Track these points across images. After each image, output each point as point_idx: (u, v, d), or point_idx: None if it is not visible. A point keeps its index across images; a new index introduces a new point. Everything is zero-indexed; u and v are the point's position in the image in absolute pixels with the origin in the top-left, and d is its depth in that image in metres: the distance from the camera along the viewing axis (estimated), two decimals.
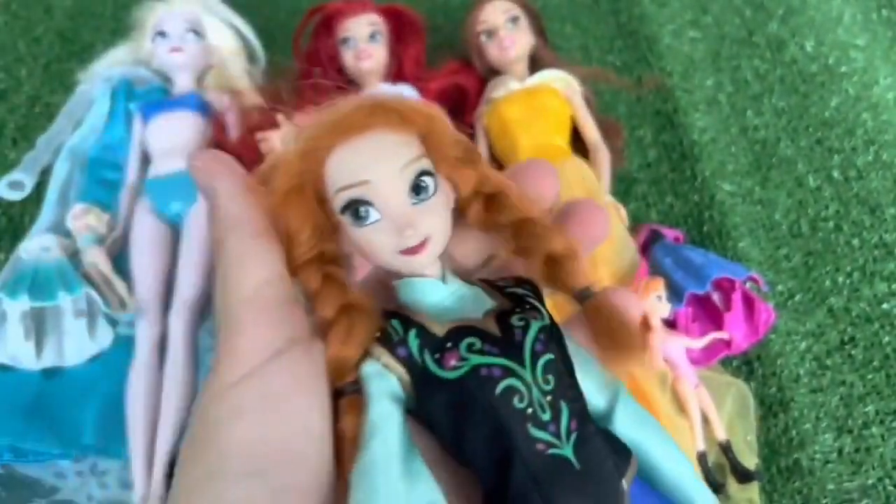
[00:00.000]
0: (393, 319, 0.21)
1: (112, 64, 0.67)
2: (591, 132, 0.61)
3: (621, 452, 0.21)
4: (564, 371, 0.21)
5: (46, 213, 0.59)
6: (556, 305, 0.22)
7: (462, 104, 0.65)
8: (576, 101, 0.61)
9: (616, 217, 0.54)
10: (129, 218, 0.58)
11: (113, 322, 0.53)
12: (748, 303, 0.51)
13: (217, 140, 0.61)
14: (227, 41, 0.67)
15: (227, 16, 0.67)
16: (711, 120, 0.65)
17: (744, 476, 0.44)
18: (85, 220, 0.55)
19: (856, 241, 0.57)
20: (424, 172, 0.21)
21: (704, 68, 0.69)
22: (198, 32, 0.64)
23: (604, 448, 0.21)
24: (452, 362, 0.20)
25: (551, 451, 0.19)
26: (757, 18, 0.73)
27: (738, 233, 0.58)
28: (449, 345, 0.20)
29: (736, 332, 0.51)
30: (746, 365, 0.52)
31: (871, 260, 0.56)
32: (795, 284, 0.56)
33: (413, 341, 0.20)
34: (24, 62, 0.70)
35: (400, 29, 0.65)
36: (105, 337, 0.53)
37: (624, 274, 0.51)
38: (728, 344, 0.50)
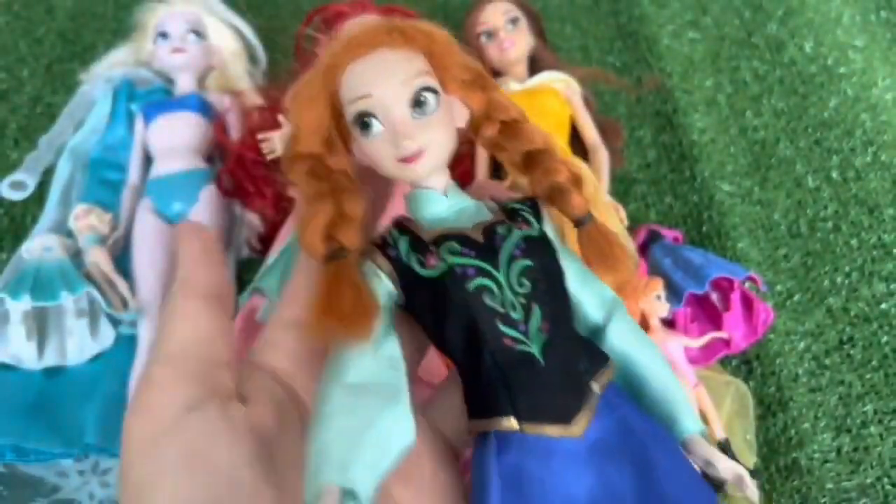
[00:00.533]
0: (394, 227, 0.24)
1: (113, 65, 0.67)
2: (591, 133, 0.61)
3: (597, 358, 0.23)
4: (545, 279, 0.23)
5: (48, 213, 0.59)
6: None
7: None
8: (575, 101, 0.61)
9: (615, 217, 0.54)
10: (130, 218, 0.58)
11: (115, 322, 0.53)
12: (747, 303, 0.51)
13: (218, 141, 0.61)
14: (229, 42, 0.67)
15: (229, 17, 0.68)
16: (711, 120, 0.66)
17: None
18: (87, 221, 0.55)
19: (854, 242, 0.57)
20: (426, 88, 0.23)
21: (704, 69, 0.69)
22: (199, 33, 0.65)
23: (576, 352, 0.23)
24: (432, 262, 0.22)
25: (519, 347, 0.22)
26: (756, 19, 0.74)
27: (736, 233, 0.58)
28: (432, 248, 0.23)
29: (735, 331, 0.51)
30: (745, 364, 0.52)
31: (870, 260, 0.56)
32: (794, 284, 0.56)
33: (403, 245, 0.23)
34: (25, 62, 0.70)
35: None
36: (107, 336, 0.53)
37: None
38: (727, 343, 0.51)
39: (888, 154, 0.63)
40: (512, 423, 0.21)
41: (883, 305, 0.54)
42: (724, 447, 0.45)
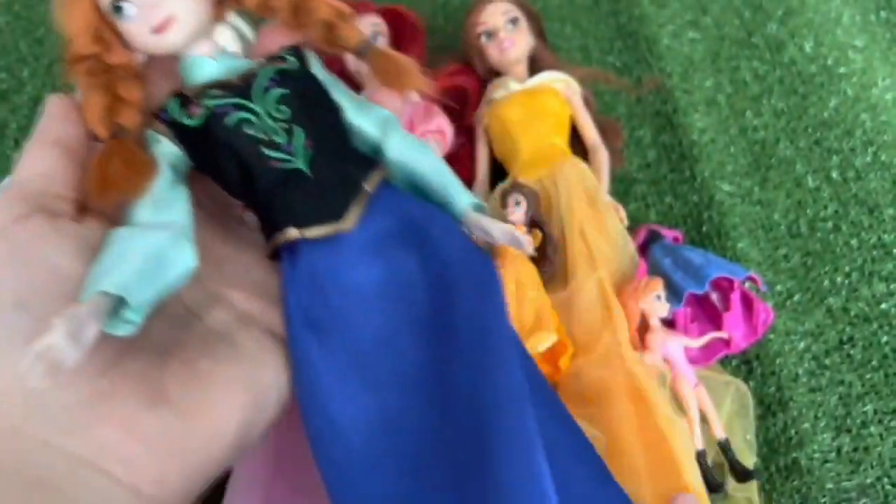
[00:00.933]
0: (170, 96, 0.26)
1: None
2: (591, 133, 0.61)
3: (364, 164, 0.27)
4: (303, 104, 0.26)
5: None
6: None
7: (462, 105, 0.65)
8: (575, 101, 0.61)
9: (615, 217, 0.55)
10: None
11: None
12: (747, 303, 0.51)
13: None
14: (229, 43, 0.67)
15: (230, 18, 0.68)
16: (710, 121, 0.66)
17: (743, 475, 0.45)
18: None
19: (854, 242, 0.57)
20: None
21: (704, 69, 0.69)
22: None
23: (344, 161, 0.26)
24: (195, 111, 0.25)
25: (286, 165, 0.25)
26: (756, 19, 0.74)
27: (736, 233, 0.58)
28: (195, 100, 0.25)
29: (735, 331, 0.51)
30: (745, 364, 0.52)
31: (870, 260, 0.56)
32: (794, 284, 0.56)
33: (173, 106, 0.25)
34: (26, 62, 0.70)
35: (400, 30, 0.66)
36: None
37: (623, 274, 0.51)
38: (727, 343, 0.51)
39: (888, 154, 0.63)
40: (293, 232, 0.25)
41: (883, 305, 0.54)
42: (724, 447, 0.45)
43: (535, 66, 0.64)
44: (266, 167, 0.25)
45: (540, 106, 0.60)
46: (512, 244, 0.26)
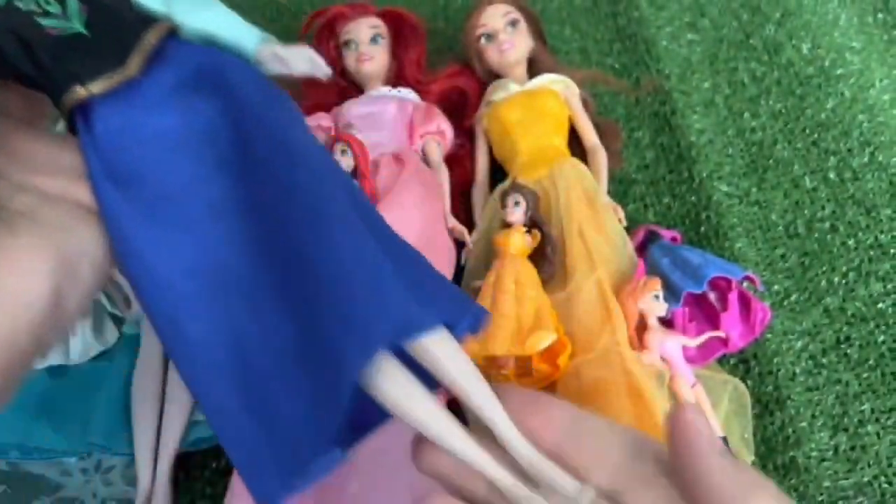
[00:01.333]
0: None
1: None
2: (589, 134, 0.61)
3: (147, 20, 0.27)
4: None
5: None
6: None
7: (462, 107, 0.66)
8: (574, 103, 0.62)
9: (614, 218, 0.55)
10: None
11: (118, 321, 0.53)
12: (745, 302, 0.52)
13: None
14: None
15: None
16: (708, 122, 0.66)
17: None
18: None
19: (851, 242, 0.58)
20: None
21: (702, 71, 0.70)
22: None
23: (122, 18, 0.27)
24: None
25: (63, 32, 0.25)
26: (754, 21, 0.74)
27: (734, 233, 0.58)
28: None
29: (732, 331, 0.51)
30: (743, 363, 0.52)
31: (867, 260, 0.57)
32: (791, 284, 0.56)
33: None
34: None
35: (401, 32, 0.66)
36: (110, 335, 0.53)
37: (622, 274, 0.51)
38: (724, 343, 0.51)
39: (885, 155, 0.64)
40: (79, 90, 0.25)
41: (880, 305, 0.54)
42: None
43: (534, 68, 0.65)
44: (44, 34, 0.25)
45: (539, 107, 0.61)
46: (312, 69, 0.29)
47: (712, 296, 0.52)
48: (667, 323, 0.50)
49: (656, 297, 0.48)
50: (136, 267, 0.24)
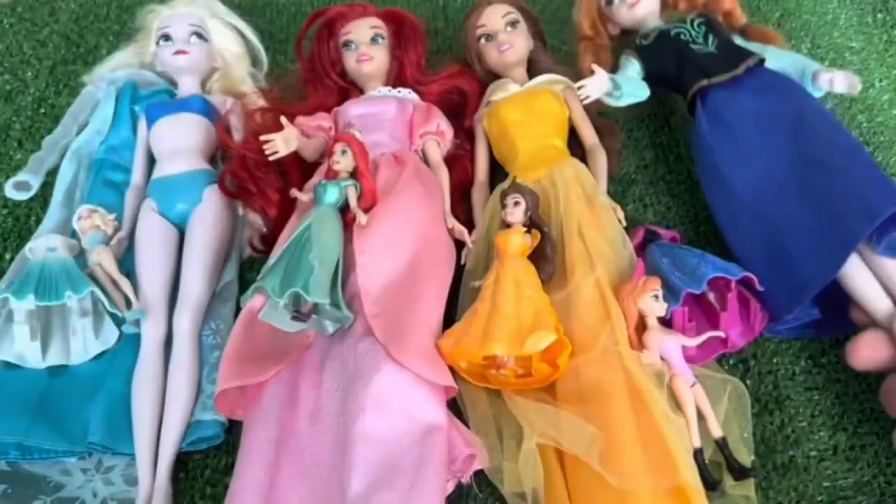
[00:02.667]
0: None
1: (117, 66, 0.68)
2: (589, 134, 0.61)
3: (746, 52, 0.52)
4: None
5: (52, 213, 0.60)
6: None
7: (462, 107, 0.66)
8: (574, 103, 0.62)
9: (613, 217, 0.55)
10: (134, 218, 0.58)
11: (118, 321, 0.53)
12: (744, 302, 0.52)
13: (221, 142, 0.62)
14: (231, 44, 0.68)
15: (231, 19, 0.68)
16: None
17: (740, 473, 0.45)
18: (90, 221, 0.56)
19: None
20: None
21: None
22: (202, 35, 0.65)
23: (736, 48, 0.52)
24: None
25: (702, 51, 0.50)
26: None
27: None
28: None
29: (731, 330, 0.51)
30: (742, 363, 0.52)
31: None
32: None
33: None
34: (29, 64, 0.71)
35: (401, 33, 0.66)
36: (110, 336, 0.53)
37: (621, 273, 0.51)
38: (724, 342, 0.51)
39: (884, 154, 0.64)
40: (704, 81, 0.58)
41: None
42: (721, 445, 0.46)
43: (533, 68, 0.65)
44: (692, 53, 0.57)
45: (539, 107, 0.61)
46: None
47: (712, 296, 0.52)
48: (666, 322, 0.50)
49: (655, 296, 0.48)
50: (713, 175, 0.56)
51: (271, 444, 0.45)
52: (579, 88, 0.55)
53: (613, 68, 0.62)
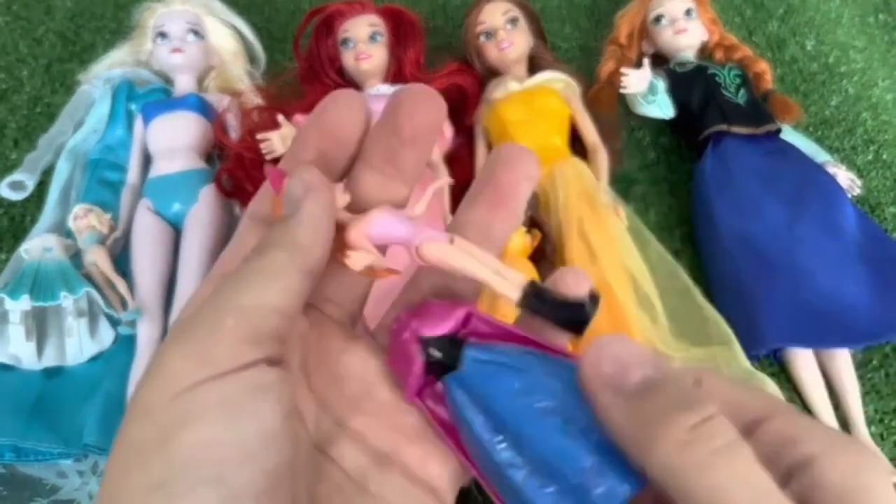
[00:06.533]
0: None
1: (113, 65, 0.67)
2: (590, 133, 0.61)
3: (772, 117, 0.53)
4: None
5: (48, 213, 0.59)
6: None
7: (462, 105, 0.65)
8: (575, 102, 0.61)
9: (614, 217, 0.54)
10: (130, 218, 0.58)
11: (114, 322, 0.53)
12: None
13: (218, 141, 0.61)
14: (228, 42, 0.67)
15: (228, 17, 0.68)
16: None
17: None
18: (86, 221, 0.55)
19: None
20: None
21: None
22: (198, 33, 0.65)
23: (762, 114, 0.47)
24: None
25: (731, 100, 0.39)
26: (757, 17, 0.73)
27: None
28: None
29: None
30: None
31: None
32: None
33: None
34: (25, 63, 0.70)
35: (400, 30, 0.65)
36: (106, 337, 0.53)
37: (623, 272, 0.51)
38: None
39: (889, 153, 0.63)
40: (722, 125, 0.52)
41: None
42: None
43: (534, 66, 0.64)
44: (721, 99, 0.56)
45: (539, 106, 0.60)
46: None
47: None
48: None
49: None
50: (708, 228, 0.55)
51: None
52: (622, 76, 0.54)
53: None
